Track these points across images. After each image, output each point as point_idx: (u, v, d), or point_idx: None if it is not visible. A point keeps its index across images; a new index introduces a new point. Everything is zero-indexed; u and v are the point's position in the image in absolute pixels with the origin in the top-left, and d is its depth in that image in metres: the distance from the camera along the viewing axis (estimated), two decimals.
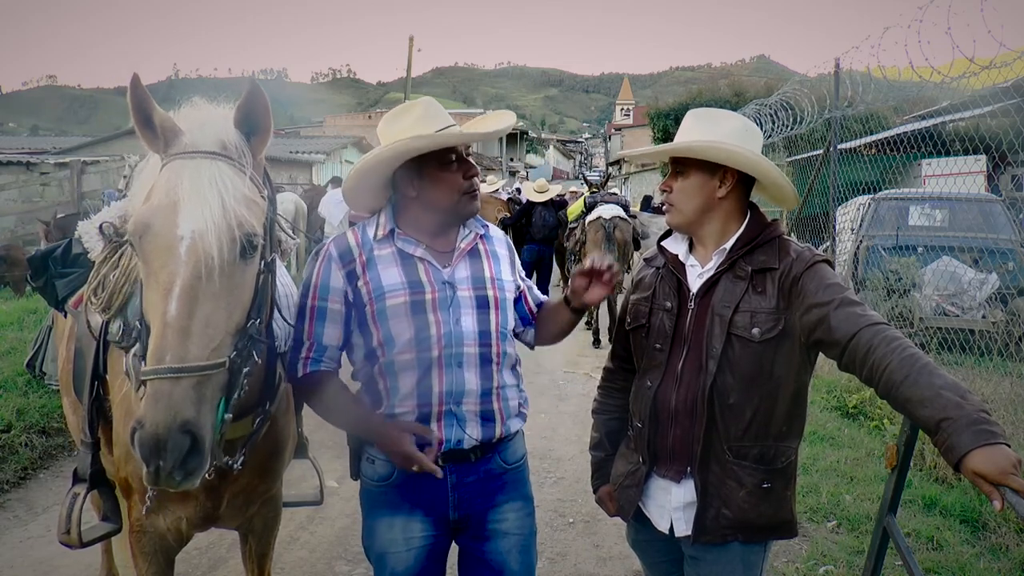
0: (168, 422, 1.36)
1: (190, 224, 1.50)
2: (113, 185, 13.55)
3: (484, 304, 1.92)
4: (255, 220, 1.59)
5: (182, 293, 1.45)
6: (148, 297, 1.52)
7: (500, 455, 1.97)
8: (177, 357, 1.41)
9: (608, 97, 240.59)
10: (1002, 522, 3.71)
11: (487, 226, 2.08)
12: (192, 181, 1.53)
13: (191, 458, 1.40)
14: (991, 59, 4.37)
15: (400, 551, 1.89)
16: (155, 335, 1.45)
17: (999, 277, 6.58)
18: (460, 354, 1.87)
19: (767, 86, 23.94)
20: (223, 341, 1.48)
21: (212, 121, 1.66)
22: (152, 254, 1.51)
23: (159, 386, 1.39)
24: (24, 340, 6.02)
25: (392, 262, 1.88)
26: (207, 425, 1.43)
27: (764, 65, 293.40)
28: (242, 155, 1.64)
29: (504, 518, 1.97)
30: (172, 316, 1.44)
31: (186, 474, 1.41)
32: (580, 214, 9.33)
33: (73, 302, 2.49)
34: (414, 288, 1.85)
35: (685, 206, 1.88)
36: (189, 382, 1.40)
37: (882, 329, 1.61)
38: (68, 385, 2.51)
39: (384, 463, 1.91)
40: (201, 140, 1.60)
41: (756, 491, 1.81)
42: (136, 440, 1.38)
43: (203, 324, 1.46)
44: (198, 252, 1.48)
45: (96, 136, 25.33)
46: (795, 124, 8.16)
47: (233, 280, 1.53)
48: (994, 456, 1.37)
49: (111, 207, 2.35)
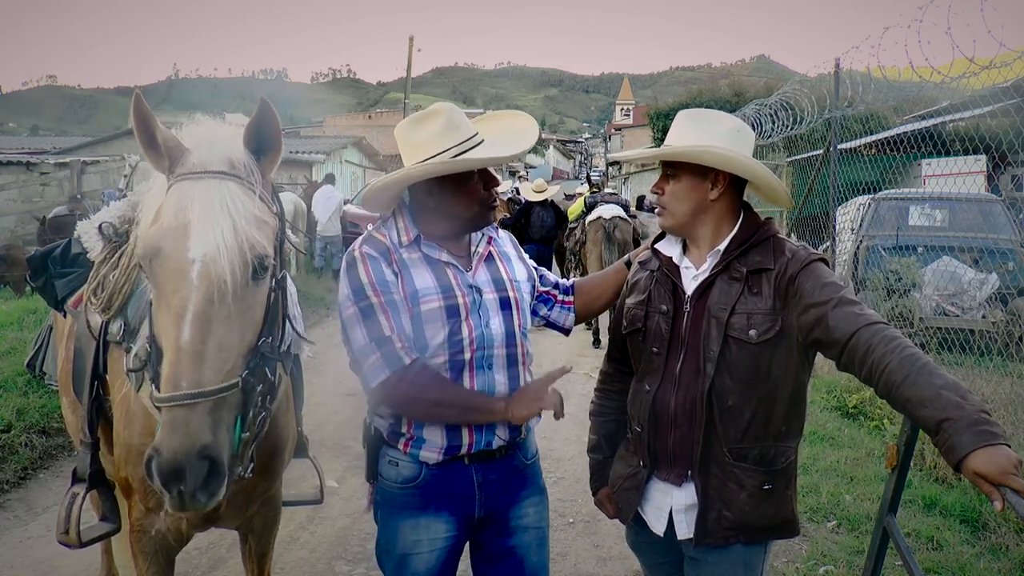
0: (187, 449, 1.37)
1: (201, 247, 1.49)
2: (113, 185, 13.56)
3: (507, 306, 1.94)
4: (266, 241, 1.59)
5: (195, 319, 1.45)
6: (160, 321, 1.51)
7: (520, 450, 2.00)
8: (192, 383, 1.41)
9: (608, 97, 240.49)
10: (1002, 522, 3.71)
11: (495, 228, 2.09)
12: (202, 203, 1.52)
13: (211, 480, 1.41)
14: (991, 59, 4.37)
15: (423, 552, 1.89)
16: (168, 361, 1.45)
17: (999, 277, 6.58)
18: (491, 356, 1.89)
19: (767, 86, 23.93)
20: (236, 363, 1.48)
21: (219, 139, 1.65)
22: (163, 277, 1.50)
23: (176, 414, 1.39)
24: (24, 340, 6.02)
25: (423, 266, 1.88)
26: (224, 447, 1.44)
27: (764, 65, 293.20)
28: (251, 173, 1.64)
29: (525, 513, 2.00)
30: (185, 341, 1.43)
31: (209, 495, 1.42)
32: (580, 214, 9.33)
33: (72, 302, 2.49)
34: (446, 292, 1.86)
35: (677, 209, 1.88)
36: (205, 407, 1.40)
37: (881, 328, 1.61)
38: (67, 385, 2.51)
39: (408, 465, 1.89)
40: (209, 159, 1.59)
41: (757, 492, 1.80)
42: (155, 467, 1.38)
43: (216, 348, 1.45)
44: (210, 276, 1.47)
45: (96, 136, 25.31)
46: (795, 124, 8.16)
47: (245, 302, 1.53)
48: (995, 456, 1.37)
49: (110, 207, 2.35)
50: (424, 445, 1.87)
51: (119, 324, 2.07)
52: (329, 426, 5.13)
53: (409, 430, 1.88)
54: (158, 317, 1.52)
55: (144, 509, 2.00)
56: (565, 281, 2.23)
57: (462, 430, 1.86)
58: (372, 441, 1.96)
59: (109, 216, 2.29)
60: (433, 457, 1.87)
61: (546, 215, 9.80)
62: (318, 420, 2.32)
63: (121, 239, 2.19)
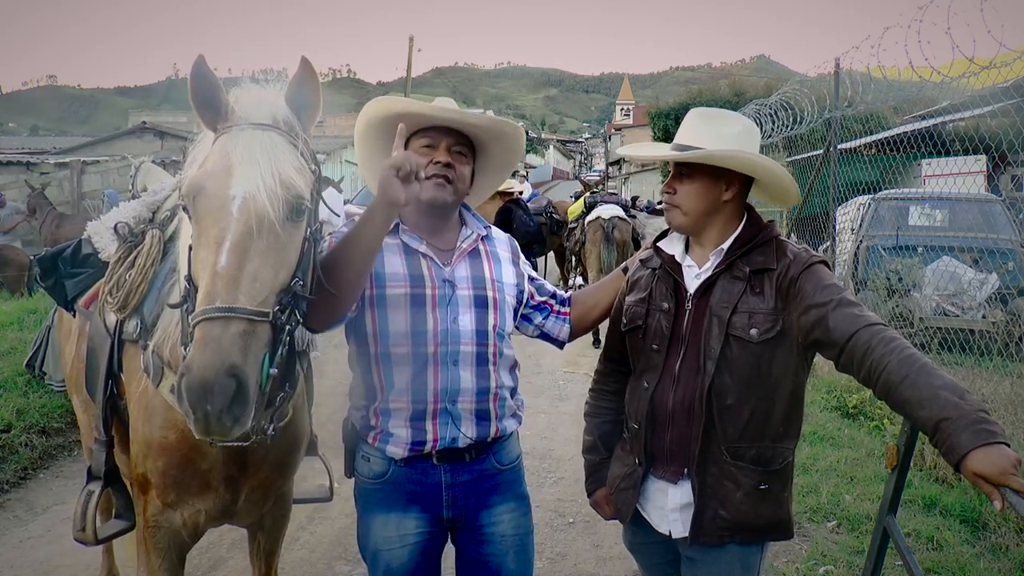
0: (216, 365, 1.39)
1: (243, 186, 1.56)
2: (113, 185, 13.58)
3: (483, 304, 1.92)
4: (304, 185, 1.64)
5: (233, 247, 1.51)
6: (198, 255, 1.56)
7: (494, 455, 1.97)
8: (227, 301, 1.45)
9: (608, 97, 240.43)
10: (1002, 522, 3.71)
11: (489, 227, 2.08)
12: (245, 148, 1.60)
13: (236, 404, 1.41)
14: (991, 59, 4.38)
15: (395, 548, 1.89)
16: (205, 284, 1.49)
17: (999, 277, 6.58)
18: (456, 352, 1.87)
19: (767, 86, 23.91)
20: (268, 297, 1.52)
21: (264, 97, 1.73)
22: (204, 213, 1.56)
23: (208, 329, 1.42)
24: (24, 340, 6.02)
25: (396, 252, 1.89)
26: (253, 373, 1.45)
27: (764, 65, 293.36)
28: (293, 128, 1.71)
29: (500, 520, 1.97)
30: (222, 267, 1.49)
31: (234, 420, 1.42)
32: (580, 214, 9.34)
33: (83, 302, 2.51)
34: (415, 282, 1.86)
35: (691, 208, 1.87)
36: (237, 328, 1.43)
37: (880, 330, 1.61)
38: (79, 384, 2.52)
39: (379, 460, 1.91)
40: (254, 114, 1.67)
41: (753, 492, 1.80)
42: (184, 385, 1.40)
43: (252, 277, 1.50)
44: (249, 210, 1.54)
45: (96, 136, 25.30)
46: (795, 124, 8.16)
47: (281, 240, 1.57)
48: (994, 456, 1.37)
49: (123, 207, 2.37)
50: (391, 440, 1.87)
51: (135, 322, 2.10)
52: (329, 426, 5.11)
53: (377, 423, 1.89)
54: (197, 251, 1.57)
55: (161, 504, 2.01)
56: (563, 293, 2.21)
57: (426, 425, 1.86)
58: (349, 436, 1.99)
59: (123, 216, 2.31)
60: (399, 452, 1.87)
61: (528, 219, 9.69)
62: (318, 420, 2.33)
63: (136, 239, 2.23)
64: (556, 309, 2.16)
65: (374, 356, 1.87)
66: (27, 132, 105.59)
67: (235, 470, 2.00)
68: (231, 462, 1.98)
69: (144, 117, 29.62)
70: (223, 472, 1.99)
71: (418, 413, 1.86)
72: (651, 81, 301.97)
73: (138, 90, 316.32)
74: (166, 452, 1.95)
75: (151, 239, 2.18)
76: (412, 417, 1.86)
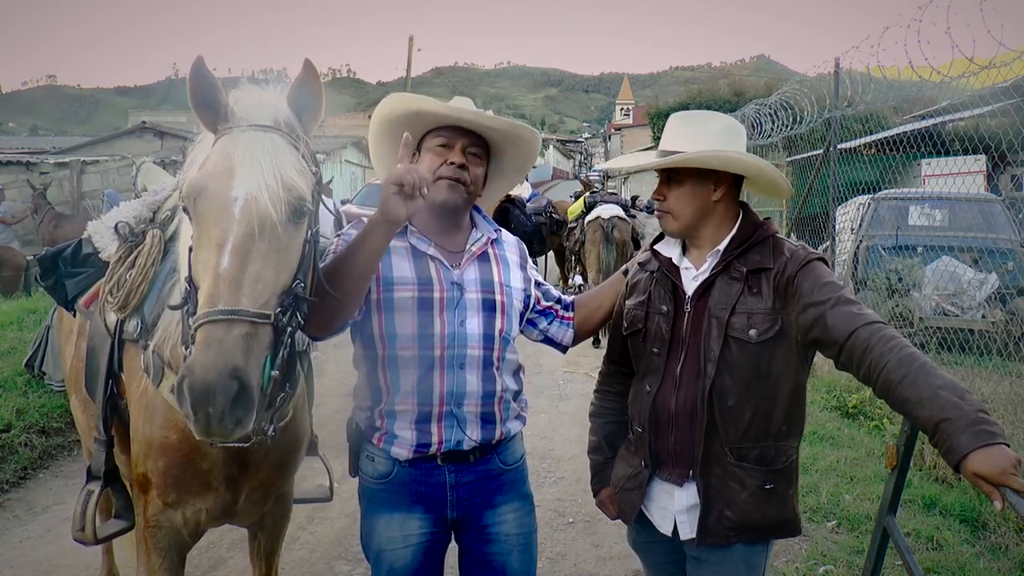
0: (219, 367, 1.38)
1: (244, 187, 1.55)
2: (113, 185, 13.58)
3: (491, 308, 1.92)
4: (305, 187, 1.64)
5: (234, 249, 1.50)
6: (200, 256, 1.56)
7: (499, 456, 1.97)
8: (229, 303, 1.45)
9: (608, 97, 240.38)
10: (1002, 522, 3.71)
11: (499, 231, 2.07)
12: (247, 149, 1.60)
13: (238, 406, 1.40)
14: (991, 59, 4.38)
15: (398, 548, 1.89)
16: (207, 285, 1.49)
17: (999, 277, 6.58)
18: (463, 355, 1.86)
19: (767, 86, 23.95)
20: (270, 299, 1.52)
21: (265, 98, 1.73)
22: (206, 214, 1.56)
23: (211, 331, 1.42)
24: (24, 340, 6.02)
25: (404, 255, 1.89)
26: (255, 375, 1.45)
27: (764, 65, 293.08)
28: (294, 130, 1.70)
29: (504, 519, 1.97)
30: (225, 268, 1.48)
31: (236, 422, 1.41)
32: (580, 214, 9.34)
33: (83, 301, 2.51)
34: (423, 285, 1.86)
35: (682, 213, 1.87)
36: (240, 331, 1.43)
37: (879, 328, 1.61)
38: (79, 384, 2.52)
39: (384, 460, 1.91)
40: (256, 115, 1.67)
41: (758, 492, 1.80)
42: (186, 386, 1.39)
43: (254, 278, 1.50)
44: (251, 211, 1.53)
45: (96, 136, 25.30)
46: (795, 124, 8.17)
47: (282, 242, 1.57)
48: (994, 456, 1.37)
49: (123, 207, 2.37)
50: (396, 441, 1.87)
51: (135, 322, 2.10)
52: (330, 426, 5.11)
53: (382, 424, 1.89)
54: (198, 253, 1.57)
55: (161, 504, 2.01)
56: (567, 297, 2.21)
57: (431, 428, 1.86)
58: (354, 436, 1.98)
59: (124, 215, 2.31)
60: (404, 454, 1.87)
61: (525, 219, 9.71)
62: (318, 420, 2.33)
63: (137, 239, 2.23)
64: (561, 314, 2.15)
65: (380, 359, 1.87)
66: (27, 132, 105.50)
67: (236, 470, 2.01)
68: (232, 462, 1.98)
69: (144, 117, 29.62)
70: (224, 472, 1.99)
71: (423, 416, 1.86)
72: (651, 81, 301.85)
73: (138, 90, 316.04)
74: (167, 452, 1.95)
75: (152, 239, 2.18)
76: (417, 420, 1.86)
